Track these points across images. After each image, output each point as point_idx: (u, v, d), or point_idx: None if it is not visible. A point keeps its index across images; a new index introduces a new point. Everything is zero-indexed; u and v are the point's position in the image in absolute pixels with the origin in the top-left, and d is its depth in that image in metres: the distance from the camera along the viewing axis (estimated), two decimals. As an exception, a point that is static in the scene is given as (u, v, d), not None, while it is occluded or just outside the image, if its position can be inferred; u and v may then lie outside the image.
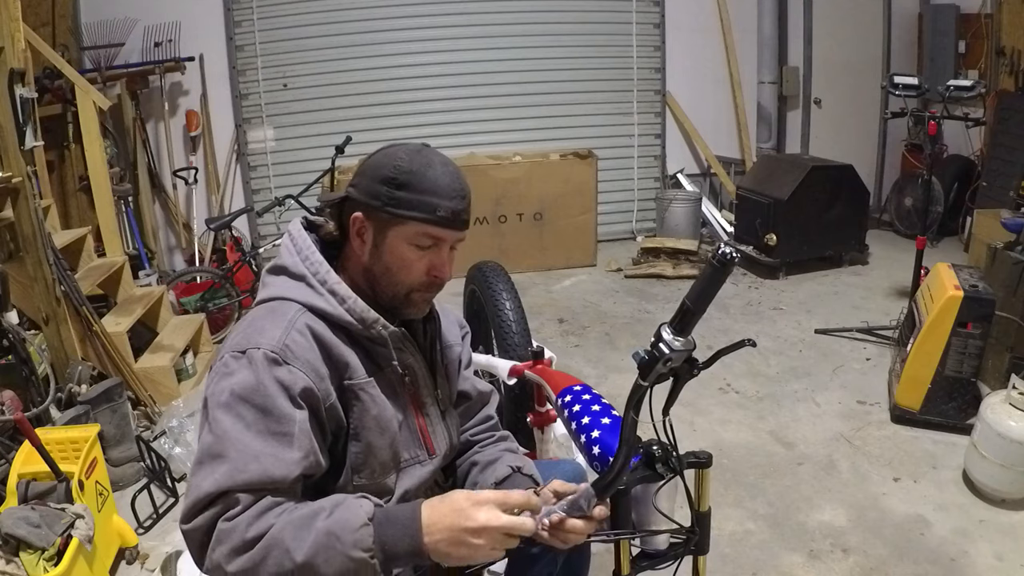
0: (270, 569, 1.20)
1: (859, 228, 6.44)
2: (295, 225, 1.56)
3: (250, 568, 1.21)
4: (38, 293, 3.55)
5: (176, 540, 2.99)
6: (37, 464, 2.61)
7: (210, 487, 1.25)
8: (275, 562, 1.20)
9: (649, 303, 5.80)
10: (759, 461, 3.55)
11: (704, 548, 1.54)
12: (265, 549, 1.21)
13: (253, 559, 1.21)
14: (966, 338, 3.51)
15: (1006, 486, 3.08)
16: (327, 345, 1.43)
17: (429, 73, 6.89)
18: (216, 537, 1.24)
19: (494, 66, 7.00)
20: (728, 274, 1.20)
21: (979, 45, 6.97)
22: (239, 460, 1.26)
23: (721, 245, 1.19)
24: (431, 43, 6.85)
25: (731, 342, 1.29)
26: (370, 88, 6.82)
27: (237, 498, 1.25)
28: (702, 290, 1.21)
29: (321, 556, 1.20)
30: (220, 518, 1.24)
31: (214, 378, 1.37)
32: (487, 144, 7.01)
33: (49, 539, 2.37)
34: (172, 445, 3.53)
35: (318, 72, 6.74)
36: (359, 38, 6.73)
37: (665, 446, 1.41)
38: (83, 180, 5.27)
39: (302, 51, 6.69)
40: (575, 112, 7.26)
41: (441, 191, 1.44)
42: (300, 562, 1.19)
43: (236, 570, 1.21)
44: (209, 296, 5.28)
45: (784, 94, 7.61)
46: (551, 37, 7.05)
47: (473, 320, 3.17)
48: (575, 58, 7.15)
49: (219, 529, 1.24)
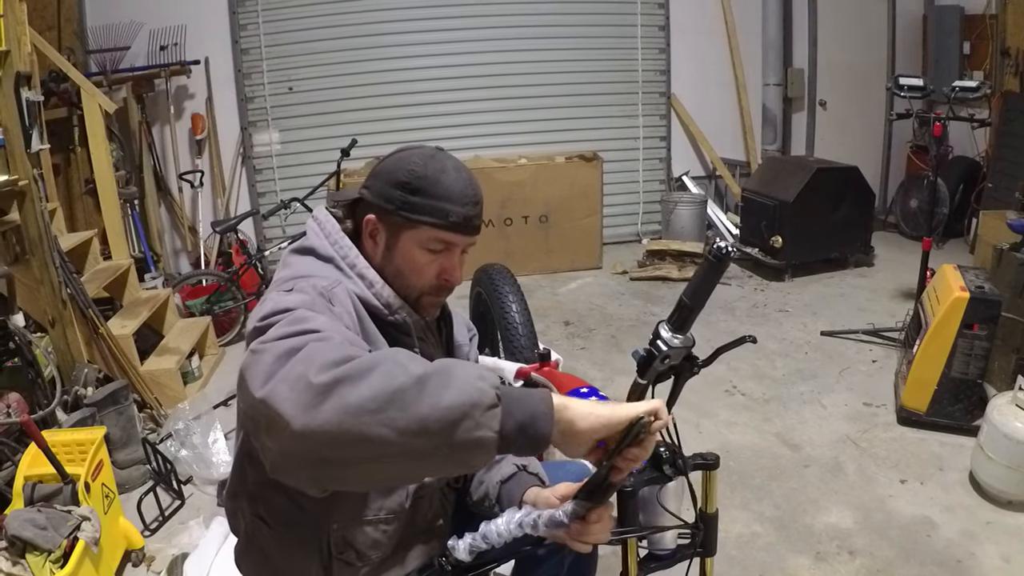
0: (375, 380, 1.02)
1: (864, 230, 6.43)
2: (321, 211, 1.57)
3: (347, 378, 1.02)
4: (44, 296, 3.56)
5: (182, 542, 3.00)
6: (43, 466, 2.62)
7: (309, 325, 1.16)
8: (384, 373, 1.03)
9: (655, 305, 5.79)
10: (765, 463, 3.55)
11: (711, 549, 1.54)
12: (373, 361, 1.05)
13: (355, 368, 1.03)
14: (972, 339, 3.50)
15: (1013, 487, 3.07)
16: (361, 316, 1.44)
17: (434, 76, 6.90)
18: (304, 354, 1.07)
19: (499, 69, 7.00)
20: (724, 269, 1.20)
21: (984, 46, 6.95)
22: (330, 324, 1.21)
23: (716, 240, 1.19)
24: (436, 46, 6.86)
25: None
26: (375, 91, 6.83)
27: (333, 335, 1.15)
28: (699, 286, 1.22)
29: (441, 377, 1.05)
30: (313, 342, 1.11)
31: (261, 309, 1.30)
32: (492, 147, 7.01)
33: (55, 541, 2.37)
34: (178, 448, 3.54)
35: (323, 75, 6.75)
36: (364, 41, 6.74)
37: (672, 447, 1.41)
38: (89, 183, 5.28)
39: (307, 54, 6.70)
40: (580, 115, 7.27)
41: (454, 197, 1.46)
42: (417, 374, 1.04)
43: (327, 380, 1.02)
44: (215, 299, 5.28)
45: (789, 96, 7.60)
46: (556, 40, 7.05)
47: (479, 322, 3.18)
48: (580, 60, 7.16)
49: (310, 347, 1.09)
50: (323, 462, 1.03)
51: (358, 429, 1.00)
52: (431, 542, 1.61)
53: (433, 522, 1.62)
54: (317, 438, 1.00)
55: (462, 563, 1.36)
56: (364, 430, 1.00)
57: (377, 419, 1.00)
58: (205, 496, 3.42)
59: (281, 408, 1.01)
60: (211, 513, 3.19)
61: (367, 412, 1.00)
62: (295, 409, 1.00)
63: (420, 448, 1.03)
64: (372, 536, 1.49)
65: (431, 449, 1.03)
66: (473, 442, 1.04)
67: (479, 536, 1.30)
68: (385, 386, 1.01)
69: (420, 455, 1.04)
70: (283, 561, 1.50)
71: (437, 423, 1.01)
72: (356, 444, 1.01)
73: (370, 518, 1.48)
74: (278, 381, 1.04)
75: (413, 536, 1.57)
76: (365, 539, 1.48)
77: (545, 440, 1.10)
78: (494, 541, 1.29)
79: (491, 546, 1.30)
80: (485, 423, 1.03)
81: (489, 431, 1.04)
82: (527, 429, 1.08)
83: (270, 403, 1.03)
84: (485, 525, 1.30)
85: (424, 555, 1.59)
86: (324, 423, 0.99)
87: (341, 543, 1.47)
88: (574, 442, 1.14)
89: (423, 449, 1.03)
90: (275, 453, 1.06)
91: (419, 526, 1.58)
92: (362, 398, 1.00)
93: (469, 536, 1.31)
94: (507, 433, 1.06)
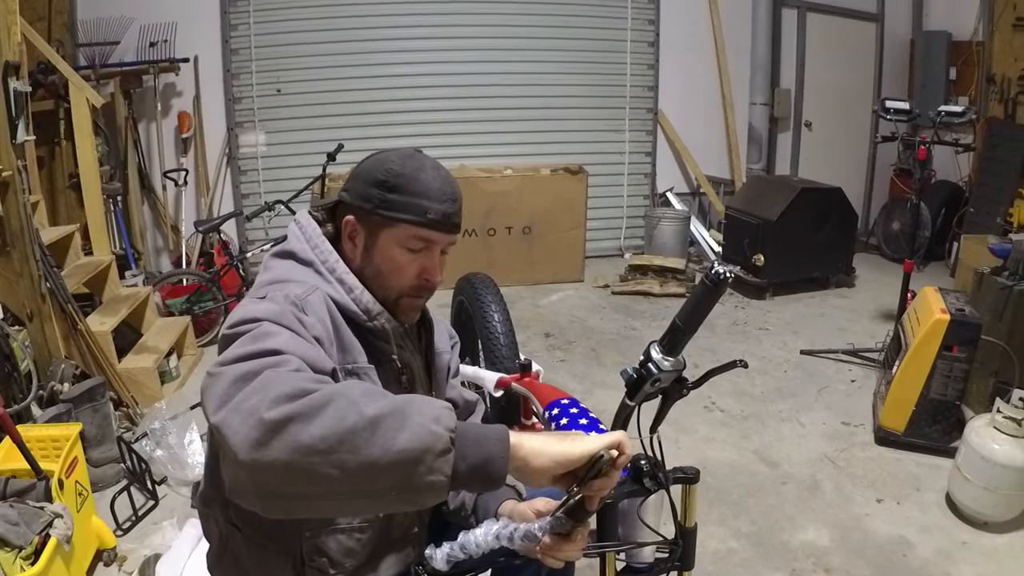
0: (327, 420, 1.00)
1: (846, 251, 6.49)
2: (303, 215, 1.56)
3: (298, 416, 1.00)
4: (23, 289, 3.52)
5: (155, 543, 2.96)
6: (17, 461, 2.59)
7: (269, 344, 1.16)
8: (337, 412, 1.01)
9: (636, 320, 5.80)
10: (743, 480, 3.55)
11: (689, 564, 1.54)
12: (326, 397, 1.03)
13: (308, 406, 1.01)
14: (951, 361, 3.53)
15: (989, 509, 3.09)
16: (337, 323, 1.43)
17: (423, 83, 6.89)
18: (260, 383, 1.06)
19: (488, 79, 7.02)
20: (721, 294, 1.20)
21: (970, 72, 7.05)
22: (292, 342, 1.19)
23: (715, 264, 1.18)
24: (426, 54, 6.86)
25: (718, 362, 1.29)
26: (364, 96, 6.81)
27: (291, 359, 1.14)
28: (693, 309, 1.21)
29: (395, 419, 1.02)
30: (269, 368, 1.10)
31: (232, 315, 1.30)
32: (478, 156, 7.00)
33: (27, 537, 2.34)
34: (153, 447, 3.50)
35: (312, 79, 6.73)
36: (354, 46, 6.73)
37: (653, 460, 1.41)
38: (73, 177, 5.24)
39: (297, 57, 6.68)
40: (567, 128, 7.29)
41: (432, 194, 1.46)
42: (370, 416, 1.01)
43: (277, 418, 0.99)
44: (195, 299, 5.25)
45: (775, 116, 7.66)
46: (545, 52, 7.07)
47: (460, 331, 3.16)
48: (569, 74, 7.18)
49: (265, 376, 1.07)
50: (272, 495, 1.03)
51: (307, 468, 0.99)
52: (406, 549, 1.60)
53: (408, 530, 1.60)
54: (265, 473, 1.00)
55: (439, 572, 1.35)
56: (313, 469, 1.00)
57: (327, 460, 0.99)
58: (179, 497, 3.38)
59: (231, 441, 1.00)
60: (185, 515, 3.15)
61: (317, 453, 0.99)
62: (244, 444, 0.99)
63: (370, 490, 1.03)
64: (346, 544, 1.47)
65: (381, 491, 1.03)
66: (424, 486, 1.04)
67: (457, 546, 1.29)
68: (336, 426, 1.00)
69: (370, 495, 1.04)
70: (256, 569, 1.48)
71: (388, 467, 1.01)
72: (305, 482, 1.01)
73: (343, 526, 1.47)
74: (230, 411, 1.03)
75: (388, 544, 1.56)
76: (339, 547, 1.47)
77: (499, 481, 1.10)
78: (472, 551, 1.28)
79: (469, 556, 1.29)
80: (437, 468, 1.03)
81: (441, 475, 1.04)
82: (480, 471, 1.08)
83: (222, 431, 1.02)
84: (464, 535, 1.29)
85: (399, 563, 1.58)
86: (273, 460, 0.99)
87: (314, 551, 1.45)
88: (530, 479, 1.14)
89: (373, 491, 1.03)
90: (229, 478, 1.06)
91: (394, 534, 1.57)
92: (312, 438, 0.99)
93: (447, 545, 1.30)
94: (460, 476, 1.06)
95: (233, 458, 1.00)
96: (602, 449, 1.14)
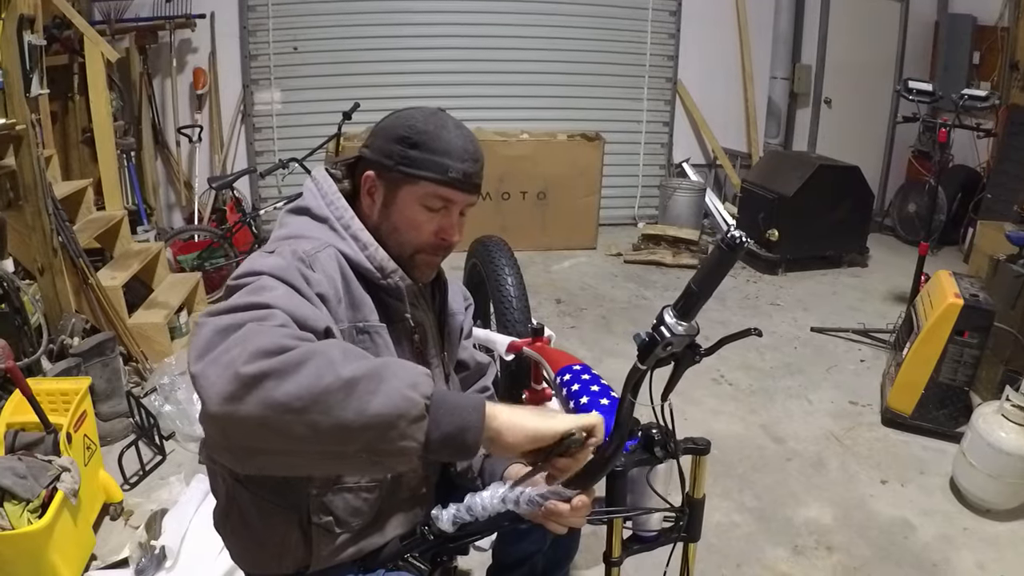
0: (303, 379, 1.00)
1: (861, 230, 6.44)
2: (319, 171, 1.55)
3: (274, 372, 1.00)
4: (35, 243, 3.53)
5: (162, 498, 2.98)
6: (26, 414, 2.60)
7: (261, 299, 1.15)
8: (313, 372, 1.01)
9: (647, 289, 5.79)
10: (749, 454, 3.56)
11: (696, 535, 1.55)
12: (304, 355, 1.02)
13: (284, 363, 1.01)
14: (962, 346, 3.51)
15: (992, 496, 3.09)
16: (348, 280, 1.42)
17: (441, 45, 6.84)
18: (241, 335, 1.06)
19: (507, 42, 6.96)
20: (736, 259, 1.18)
21: (993, 57, 6.93)
22: (285, 298, 1.19)
23: (730, 228, 1.16)
24: (445, 15, 6.81)
25: (728, 333, 1.27)
26: (381, 56, 6.76)
27: (278, 314, 1.13)
28: (708, 273, 1.19)
29: (371, 382, 1.03)
30: (254, 321, 1.10)
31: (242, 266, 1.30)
32: (495, 120, 6.94)
33: (34, 490, 2.35)
34: (162, 403, 3.52)
35: (329, 37, 6.68)
36: (373, 5, 6.68)
37: (664, 430, 1.40)
38: (86, 132, 5.22)
39: (314, 15, 6.63)
40: (585, 94, 7.23)
41: (454, 152, 1.44)
42: (346, 377, 1.01)
43: (254, 372, 0.99)
44: (207, 255, 5.26)
45: (795, 91, 7.59)
46: (566, 17, 7.00)
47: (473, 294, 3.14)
48: (589, 40, 7.11)
49: (247, 328, 1.07)
50: (243, 449, 1.04)
51: (279, 426, 1.00)
52: (413, 510, 1.59)
53: (416, 491, 1.60)
54: (237, 428, 1.01)
55: (445, 533, 1.35)
56: (285, 427, 1.00)
57: (300, 419, 1.00)
58: (187, 452, 3.41)
59: (207, 392, 1.01)
60: (192, 470, 3.18)
61: (290, 411, 0.99)
62: (219, 396, 0.99)
63: (341, 451, 1.03)
64: (352, 503, 1.47)
65: (352, 452, 1.04)
66: (395, 451, 1.04)
67: (463, 508, 1.29)
68: (312, 386, 1.00)
69: (340, 456, 1.05)
70: (263, 526, 1.48)
71: (360, 430, 1.01)
72: (276, 439, 1.01)
73: (350, 485, 1.47)
74: (209, 362, 1.03)
75: (395, 504, 1.56)
76: (345, 506, 1.47)
77: (472, 450, 1.10)
78: (478, 514, 1.28)
79: (475, 518, 1.29)
80: (410, 434, 1.03)
81: (413, 442, 1.04)
82: (453, 440, 1.08)
83: (200, 382, 1.02)
84: (470, 497, 1.29)
85: (405, 523, 1.58)
86: (246, 416, 0.99)
87: (320, 509, 1.45)
88: (500, 451, 1.15)
89: (344, 452, 1.04)
90: (204, 430, 1.06)
91: (401, 495, 1.57)
92: (287, 396, 0.99)
93: (453, 507, 1.30)
94: (432, 444, 1.06)
95: (207, 410, 1.01)
96: (575, 429, 1.15)
